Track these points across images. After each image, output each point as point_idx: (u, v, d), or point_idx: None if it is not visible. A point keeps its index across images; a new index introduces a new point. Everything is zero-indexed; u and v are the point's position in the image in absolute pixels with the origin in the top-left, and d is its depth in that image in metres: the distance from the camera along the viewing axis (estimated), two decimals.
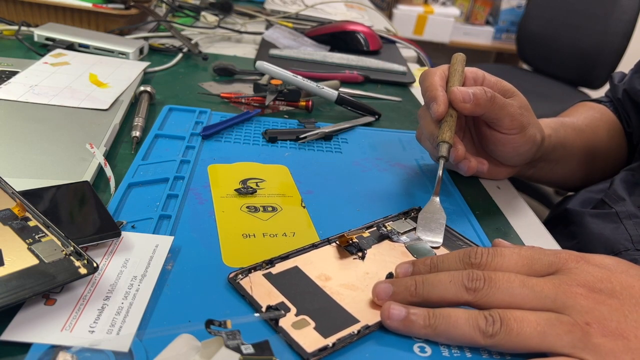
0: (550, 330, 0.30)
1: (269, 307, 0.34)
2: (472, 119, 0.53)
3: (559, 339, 0.30)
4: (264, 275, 0.37)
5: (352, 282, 0.37)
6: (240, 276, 0.36)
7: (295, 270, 0.38)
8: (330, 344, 0.31)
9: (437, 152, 0.47)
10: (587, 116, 0.67)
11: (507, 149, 0.51)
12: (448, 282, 0.33)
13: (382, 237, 0.43)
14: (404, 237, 0.43)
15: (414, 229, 0.44)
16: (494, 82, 0.51)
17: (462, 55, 0.53)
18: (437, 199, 0.46)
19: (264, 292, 0.35)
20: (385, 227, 0.44)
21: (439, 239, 0.43)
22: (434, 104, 0.47)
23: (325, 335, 0.32)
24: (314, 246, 0.40)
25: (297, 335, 0.32)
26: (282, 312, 0.33)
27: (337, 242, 0.41)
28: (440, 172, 0.46)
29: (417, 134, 0.55)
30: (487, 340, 0.31)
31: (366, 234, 0.43)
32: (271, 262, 0.38)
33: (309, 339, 0.32)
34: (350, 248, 0.40)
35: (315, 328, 0.33)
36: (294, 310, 0.34)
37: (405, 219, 0.46)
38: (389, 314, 0.33)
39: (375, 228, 0.44)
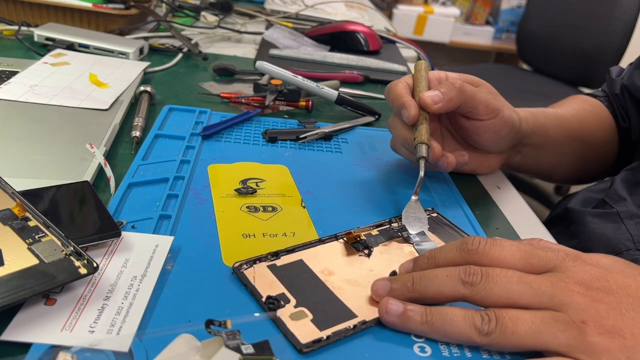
0: (545, 329, 0.30)
1: (268, 297, 0.34)
2: (447, 118, 0.54)
3: (555, 337, 0.30)
4: (269, 266, 0.37)
5: (355, 278, 0.37)
6: (244, 266, 0.37)
7: (300, 263, 0.38)
8: (325, 337, 0.32)
9: (416, 154, 0.47)
10: (575, 108, 0.67)
11: (489, 134, 0.51)
12: (445, 276, 0.33)
13: (391, 236, 0.43)
14: (414, 237, 0.43)
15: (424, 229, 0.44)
16: (457, 77, 0.52)
17: (425, 62, 0.54)
18: (415, 198, 0.46)
19: (266, 283, 0.35)
20: (395, 226, 0.44)
21: (424, 229, 0.44)
22: (404, 110, 0.48)
23: (322, 328, 0.33)
24: (321, 241, 0.41)
25: (293, 326, 0.32)
26: (282, 303, 0.34)
27: (345, 238, 0.41)
28: (421, 173, 0.47)
29: (391, 143, 0.55)
30: (482, 339, 0.31)
31: (375, 232, 0.43)
32: (277, 254, 0.38)
33: (305, 330, 0.32)
34: (357, 245, 0.41)
35: (312, 320, 0.33)
36: (293, 301, 0.34)
37: (425, 219, 0.46)
38: (386, 308, 0.33)
39: (384, 227, 0.44)
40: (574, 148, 0.63)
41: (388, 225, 0.44)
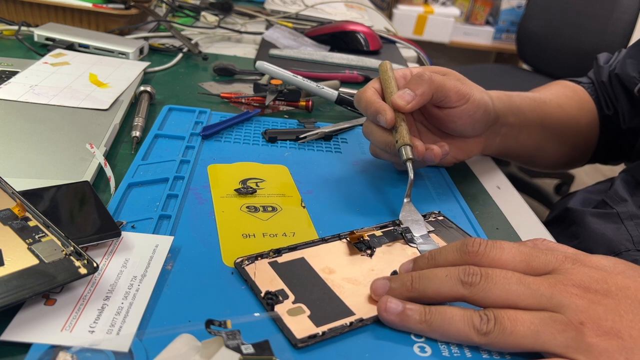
0: (543, 329, 0.30)
1: (267, 293, 0.34)
2: (419, 111, 0.53)
3: (553, 338, 0.30)
4: (270, 263, 0.37)
5: (356, 277, 0.37)
6: (246, 262, 0.37)
7: (301, 261, 0.38)
8: (320, 333, 0.32)
9: (402, 157, 0.46)
10: (555, 92, 0.66)
11: (464, 120, 0.50)
12: (444, 276, 0.33)
13: (394, 238, 0.43)
14: (417, 239, 0.43)
15: (430, 232, 0.44)
16: (422, 70, 0.51)
17: (388, 62, 0.53)
18: (407, 200, 0.46)
19: (266, 279, 0.36)
20: (399, 228, 0.44)
21: (423, 231, 0.44)
22: (380, 116, 0.47)
23: (318, 324, 0.33)
24: (324, 240, 0.41)
25: (290, 322, 0.32)
26: (280, 298, 0.34)
27: (348, 238, 0.41)
28: (411, 175, 0.46)
29: (371, 150, 0.54)
30: (481, 338, 0.31)
31: (378, 233, 0.43)
32: (279, 252, 0.39)
33: (301, 326, 0.32)
34: (359, 245, 0.41)
35: (309, 316, 0.33)
36: (292, 297, 0.34)
37: (422, 221, 0.46)
38: (385, 307, 0.33)
39: (388, 228, 0.44)
40: (553, 132, 0.62)
41: (392, 227, 0.44)
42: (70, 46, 0.75)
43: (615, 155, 0.72)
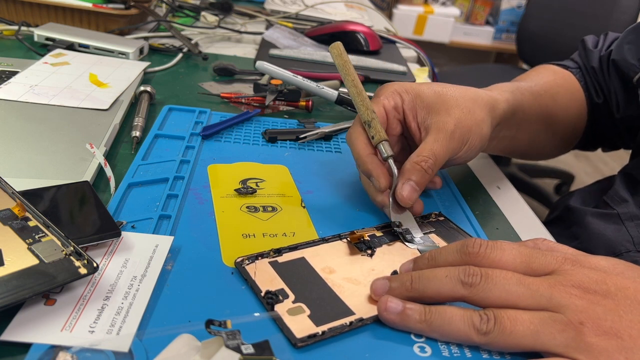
0: (543, 329, 0.31)
1: (267, 292, 0.34)
2: (412, 139, 0.49)
3: (552, 338, 0.30)
4: (270, 262, 0.38)
5: (356, 277, 0.38)
6: (246, 261, 0.37)
7: (302, 261, 0.38)
8: (320, 332, 0.32)
9: (382, 154, 0.44)
10: (547, 81, 0.63)
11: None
12: (444, 276, 0.34)
13: (394, 238, 0.43)
14: (417, 239, 0.43)
15: (430, 232, 0.44)
16: (413, 99, 0.47)
17: (339, 43, 0.49)
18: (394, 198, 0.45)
19: (266, 279, 0.36)
20: (400, 228, 0.44)
21: (419, 233, 0.44)
22: (374, 180, 0.44)
23: (318, 323, 0.33)
24: (325, 240, 0.41)
25: (290, 321, 0.33)
26: (281, 298, 0.34)
27: (348, 238, 0.41)
28: (395, 171, 0.44)
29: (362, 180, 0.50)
30: (480, 338, 0.31)
31: (379, 233, 0.43)
32: (279, 251, 0.39)
33: (301, 325, 0.32)
34: (360, 245, 0.41)
35: (309, 316, 0.33)
36: (292, 297, 0.35)
37: (423, 222, 0.45)
38: (385, 306, 0.33)
39: (388, 229, 0.44)
40: (546, 125, 0.61)
41: (392, 228, 0.44)
42: (70, 46, 0.75)
43: (595, 142, 0.70)
